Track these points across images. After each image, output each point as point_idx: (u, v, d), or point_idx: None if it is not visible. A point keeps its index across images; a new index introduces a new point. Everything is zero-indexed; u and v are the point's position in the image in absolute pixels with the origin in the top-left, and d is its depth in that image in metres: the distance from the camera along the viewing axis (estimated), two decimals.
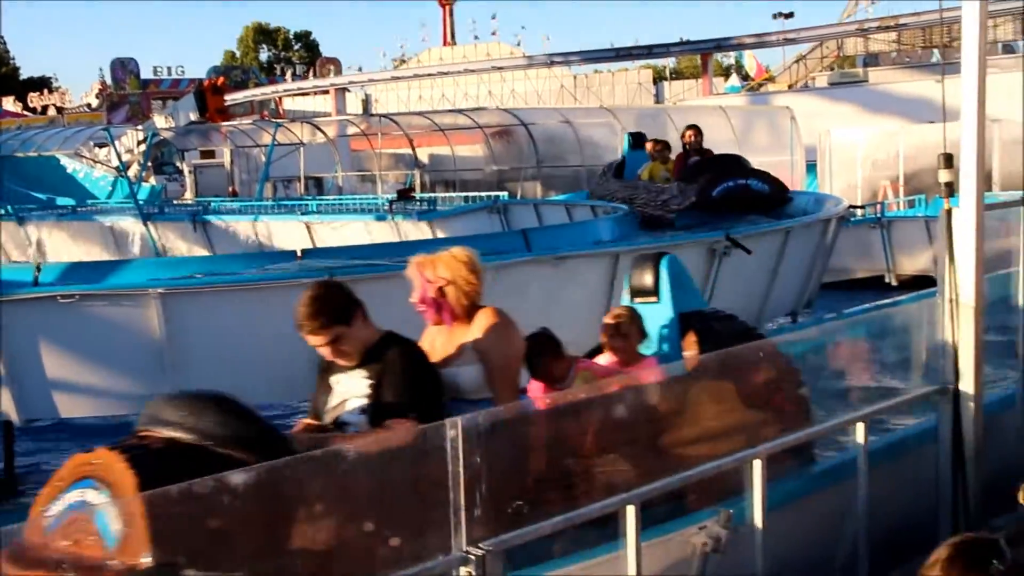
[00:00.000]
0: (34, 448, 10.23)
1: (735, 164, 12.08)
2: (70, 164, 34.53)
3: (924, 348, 5.03)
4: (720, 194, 11.14)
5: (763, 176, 11.79)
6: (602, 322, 5.31)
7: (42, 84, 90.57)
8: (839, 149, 22.79)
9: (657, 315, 5.41)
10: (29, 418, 7.48)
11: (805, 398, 4.89)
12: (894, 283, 17.48)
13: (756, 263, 9.20)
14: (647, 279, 5.51)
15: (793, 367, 4.91)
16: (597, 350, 5.39)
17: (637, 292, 5.56)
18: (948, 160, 4.77)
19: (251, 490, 3.02)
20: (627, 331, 5.18)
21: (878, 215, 18.34)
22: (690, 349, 5.18)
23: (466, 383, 4.59)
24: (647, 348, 5.29)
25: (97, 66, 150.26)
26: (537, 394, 4.86)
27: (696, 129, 12.68)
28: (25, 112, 77.03)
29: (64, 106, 78.70)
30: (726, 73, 66.21)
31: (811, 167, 25.15)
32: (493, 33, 67.95)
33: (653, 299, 5.45)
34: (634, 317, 5.27)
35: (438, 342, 4.69)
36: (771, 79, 57.53)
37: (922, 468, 4.99)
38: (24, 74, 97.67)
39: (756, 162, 27.70)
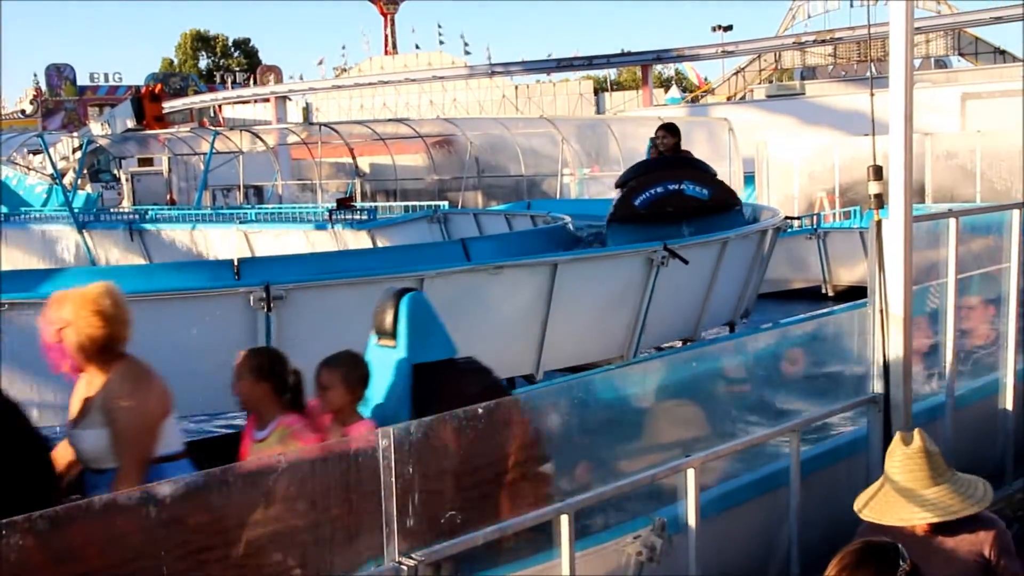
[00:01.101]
0: None
1: (674, 166, 10.57)
2: (3, 171, 33.94)
3: (856, 358, 5.10)
4: (646, 203, 10.02)
5: (705, 179, 10.42)
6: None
7: None
8: (776, 161, 23.08)
9: (392, 362, 4.72)
10: None
11: (548, 476, 4.06)
12: (830, 293, 17.71)
13: (693, 273, 9.27)
14: (387, 319, 4.75)
15: (536, 438, 4.05)
16: None
17: (379, 333, 4.83)
18: (878, 172, 4.85)
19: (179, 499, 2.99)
20: (328, 382, 4.46)
21: (814, 226, 18.58)
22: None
23: (88, 449, 4.00)
24: (367, 405, 4.61)
25: (32, 71, 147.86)
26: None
27: (668, 129, 11.08)
28: None
29: None
30: (666, 85, 66.80)
31: (749, 178, 25.44)
32: (441, 43, 67.94)
33: (391, 343, 4.75)
34: (340, 364, 4.50)
35: (75, 398, 4.08)
36: (710, 91, 58.14)
37: (853, 476, 5.05)
38: None
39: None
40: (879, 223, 4.86)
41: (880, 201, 4.85)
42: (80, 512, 2.75)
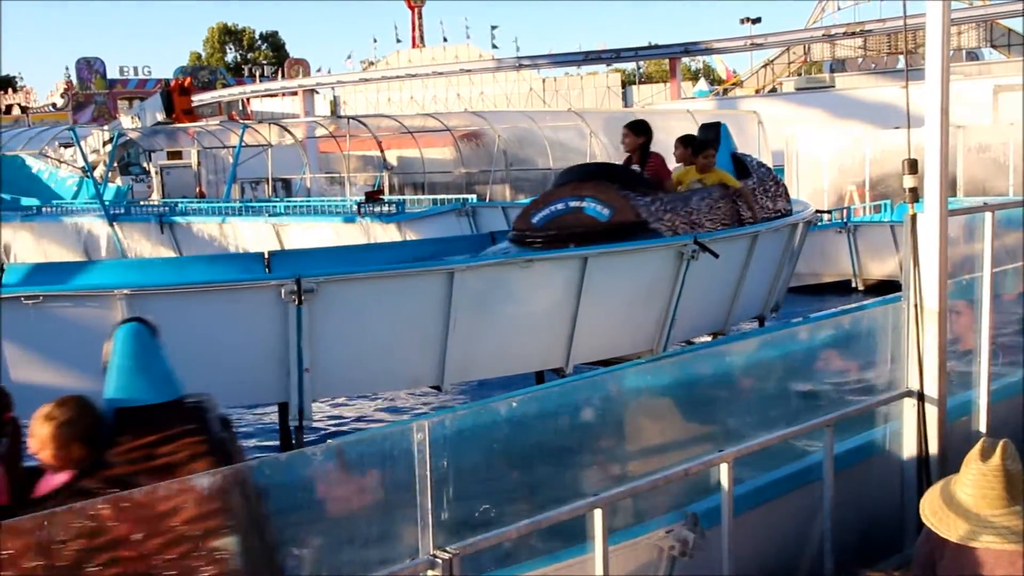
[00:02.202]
0: None
1: (585, 178, 9.23)
2: (35, 164, 34.22)
3: (889, 352, 5.07)
4: (544, 221, 8.93)
5: (611, 197, 8.85)
6: None
7: (6, 83, 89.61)
8: (806, 154, 22.93)
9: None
10: None
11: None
12: (860, 288, 17.61)
13: (723, 267, 9.24)
14: (104, 355, 4.06)
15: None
16: None
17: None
18: (912, 166, 4.81)
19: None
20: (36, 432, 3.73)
21: (844, 220, 18.46)
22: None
23: None
24: None
25: (63, 65, 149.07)
26: None
27: (632, 127, 10.03)
28: None
29: (29, 105, 78.03)
30: (694, 77, 66.52)
31: (778, 171, 25.24)
32: (468, 36, 67.90)
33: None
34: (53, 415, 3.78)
35: None
36: (739, 83, 57.87)
37: (887, 472, 5.02)
38: None
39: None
40: (914, 217, 4.83)
41: (915, 195, 4.81)
42: None
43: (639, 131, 9.93)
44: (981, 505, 3.58)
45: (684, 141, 10.17)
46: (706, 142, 10.10)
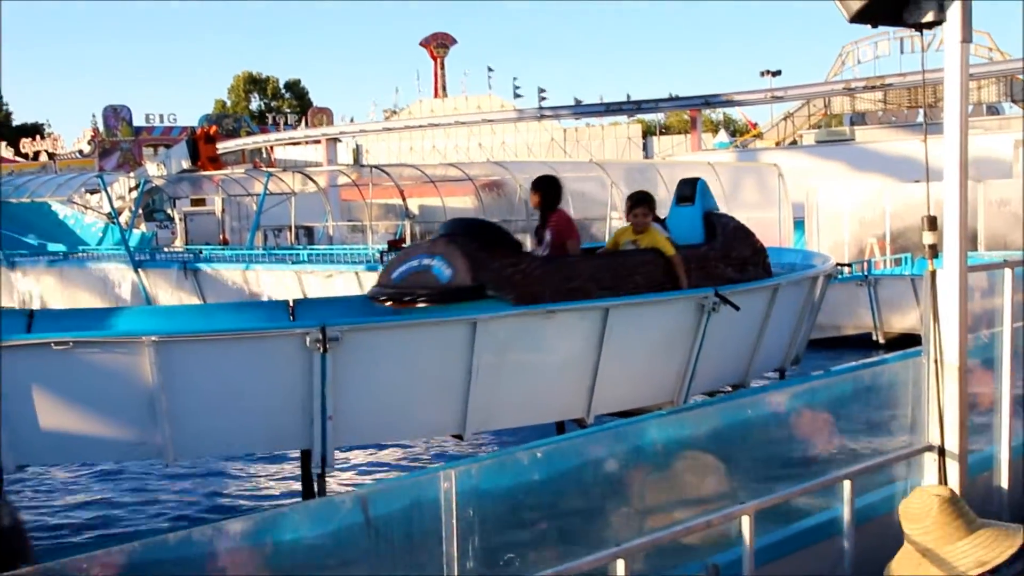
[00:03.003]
0: (23, 494, 10.24)
1: (449, 234, 8.87)
2: (62, 210, 34.62)
3: (910, 407, 5.10)
4: (401, 277, 8.58)
5: (454, 257, 8.34)
6: None
7: (35, 130, 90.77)
8: (826, 206, 23.01)
9: None
10: (20, 464, 7.49)
11: None
12: (881, 341, 17.61)
13: (744, 319, 9.29)
14: None
15: None
16: None
17: None
18: (932, 222, 4.87)
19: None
20: None
21: (865, 273, 18.50)
22: None
23: None
24: None
25: (90, 112, 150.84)
26: None
27: (535, 185, 9.66)
28: (17, 158, 77.21)
29: (56, 152, 78.92)
30: (715, 129, 66.81)
31: (799, 224, 25.38)
32: (490, 87, 68.39)
33: None
34: None
35: None
36: (759, 136, 58.10)
37: None
38: (17, 120, 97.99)
39: (744, 218, 27.66)
40: (933, 273, 4.88)
41: (935, 251, 4.87)
42: None
43: (538, 187, 9.59)
44: (943, 541, 3.80)
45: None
46: (641, 199, 9.59)
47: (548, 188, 9.54)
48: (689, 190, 10.23)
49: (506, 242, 8.78)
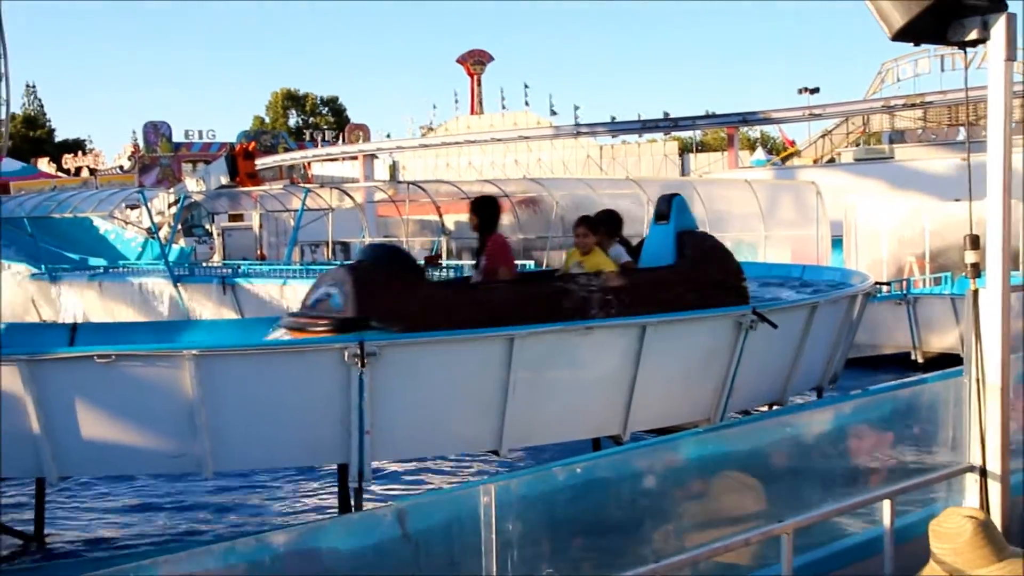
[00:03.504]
0: (66, 505, 10.35)
1: (365, 259, 8.88)
2: (102, 225, 34.98)
3: (951, 427, 5.07)
4: (314, 303, 8.37)
5: (345, 289, 8.10)
6: None
7: (76, 146, 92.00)
8: (865, 225, 22.85)
9: None
10: (63, 475, 7.58)
11: None
12: (920, 360, 17.45)
13: (782, 337, 9.24)
14: None
15: None
16: None
17: None
18: (975, 241, 4.85)
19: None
20: None
21: (904, 292, 18.35)
22: None
23: None
24: None
25: (130, 129, 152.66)
26: None
27: (472, 205, 9.33)
28: (59, 173, 78.20)
29: (97, 168, 79.88)
30: (752, 146, 66.59)
31: (837, 242, 25.23)
32: (526, 103, 68.54)
33: None
34: None
35: None
36: (796, 153, 57.86)
37: None
38: (59, 136, 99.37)
39: (782, 236, 27.57)
40: (976, 292, 4.86)
41: (977, 270, 4.85)
42: None
43: (475, 209, 9.23)
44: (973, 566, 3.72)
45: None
46: (582, 220, 9.34)
47: (484, 210, 9.21)
48: (665, 207, 9.80)
49: (408, 269, 8.53)
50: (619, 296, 8.72)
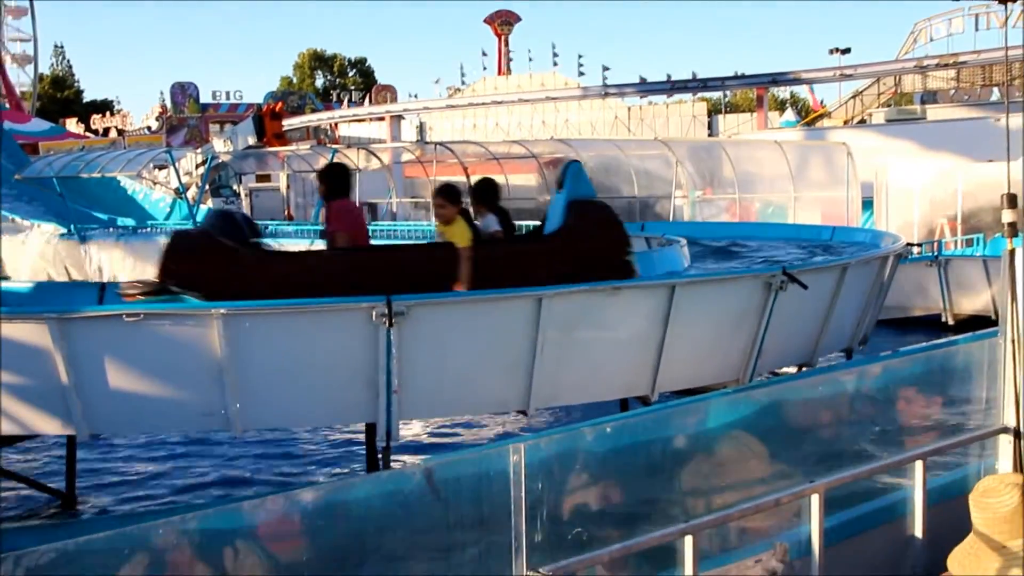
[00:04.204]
0: (95, 464, 10.44)
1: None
2: (130, 185, 35.11)
3: (984, 388, 5.01)
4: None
5: (165, 251, 8.03)
6: None
7: (104, 107, 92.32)
8: (896, 186, 22.64)
9: None
10: (93, 433, 7.63)
11: None
12: (951, 322, 17.32)
13: (812, 298, 9.16)
14: None
15: None
16: None
17: None
18: (1012, 200, 4.76)
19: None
20: None
21: (935, 253, 18.18)
22: None
23: None
24: None
25: (158, 90, 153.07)
26: None
27: (324, 173, 9.23)
28: (87, 134, 78.50)
29: (125, 128, 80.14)
30: (781, 107, 66.01)
31: (867, 203, 25.02)
32: (555, 64, 68.11)
33: None
34: None
35: None
36: (826, 114, 57.32)
37: None
38: (87, 97, 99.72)
39: (811, 198, 27.41)
40: (1012, 252, 4.78)
41: (1014, 230, 4.77)
42: None
43: (321, 176, 9.06)
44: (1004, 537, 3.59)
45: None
46: (439, 190, 8.91)
47: (329, 177, 8.98)
48: (562, 174, 9.28)
49: (231, 236, 8.15)
50: (466, 268, 8.26)
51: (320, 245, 8.20)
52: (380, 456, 7.86)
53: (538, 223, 9.20)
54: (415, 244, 8.64)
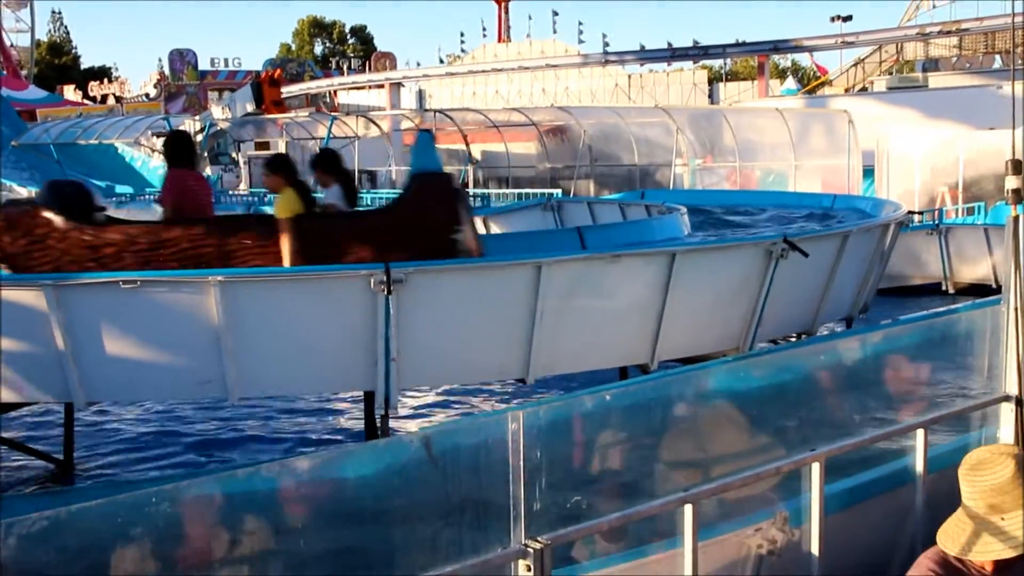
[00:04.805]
0: (92, 431, 10.43)
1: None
2: (129, 152, 34.99)
3: (986, 356, 4.97)
4: None
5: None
6: None
7: (102, 74, 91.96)
8: (897, 154, 22.57)
9: None
10: (90, 401, 7.61)
11: None
12: (951, 291, 17.29)
13: (812, 267, 9.13)
14: None
15: None
16: None
17: None
18: (1016, 166, 4.70)
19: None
20: None
21: (936, 222, 18.13)
22: None
23: None
24: None
25: (156, 57, 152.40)
26: None
27: (166, 142, 9.02)
28: (85, 101, 78.20)
29: (123, 96, 79.83)
30: (782, 75, 65.70)
31: (868, 172, 24.93)
32: (555, 31, 67.73)
33: None
34: None
35: None
36: (828, 82, 57.05)
37: None
38: (85, 64, 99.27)
39: (812, 166, 27.42)
40: (1016, 218, 4.72)
41: (1018, 196, 4.70)
42: None
43: (164, 146, 8.76)
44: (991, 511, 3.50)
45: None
46: (266, 162, 8.74)
47: (168, 145, 8.77)
48: (412, 145, 8.91)
49: (66, 208, 7.92)
50: (284, 241, 7.96)
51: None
52: (379, 424, 7.86)
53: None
54: (238, 215, 8.33)
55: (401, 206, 8.52)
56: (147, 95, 78.97)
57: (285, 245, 7.87)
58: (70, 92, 79.20)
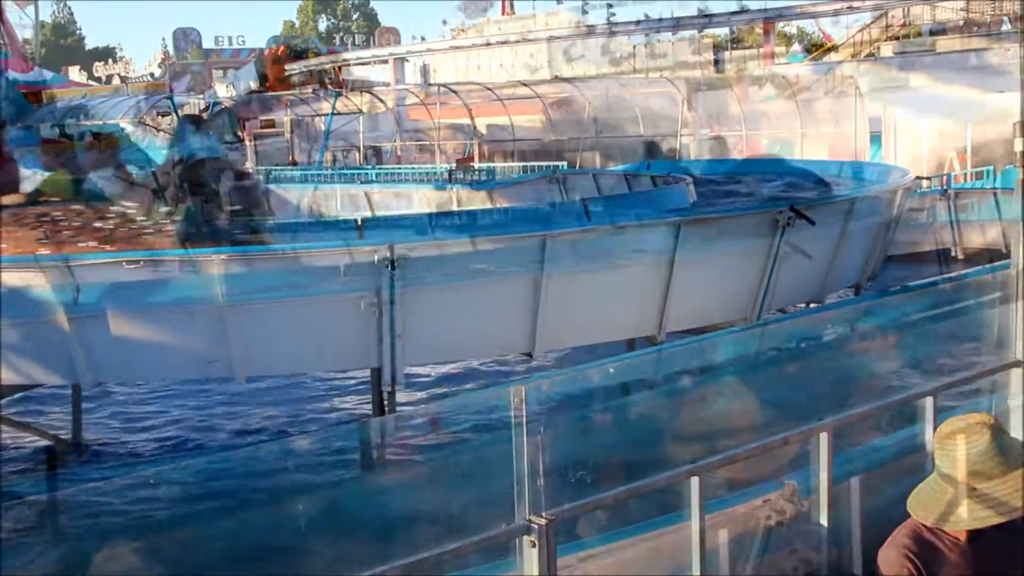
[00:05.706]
0: (99, 411, 10.43)
1: None
2: (133, 132, 34.89)
3: (996, 322, 4.92)
4: None
5: None
6: None
7: (107, 54, 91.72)
8: (904, 120, 22.37)
9: None
10: (98, 381, 7.60)
11: None
12: (960, 256, 17.16)
13: (820, 234, 9.06)
14: None
15: None
16: None
17: None
18: None
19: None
20: None
21: (944, 187, 17.98)
22: None
23: None
24: None
25: (160, 36, 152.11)
26: None
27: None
28: (90, 82, 77.99)
29: (128, 76, 79.60)
30: (788, 42, 65.22)
31: (875, 138, 24.74)
32: (558, 3, 67.21)
33: None
34: None
35: None
36: (834, 48, 56.62)
37: None
38: (89, 44, 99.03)
39: (819, 133, 27.24)
40: None
41: None
42: None
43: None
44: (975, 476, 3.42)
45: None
46: None
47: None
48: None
49: None
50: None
51: None
52: (386, 401, 7.83)
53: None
54: None
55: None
56: (152, 75, 78.73)
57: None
58: (75, 74, 78.97)
